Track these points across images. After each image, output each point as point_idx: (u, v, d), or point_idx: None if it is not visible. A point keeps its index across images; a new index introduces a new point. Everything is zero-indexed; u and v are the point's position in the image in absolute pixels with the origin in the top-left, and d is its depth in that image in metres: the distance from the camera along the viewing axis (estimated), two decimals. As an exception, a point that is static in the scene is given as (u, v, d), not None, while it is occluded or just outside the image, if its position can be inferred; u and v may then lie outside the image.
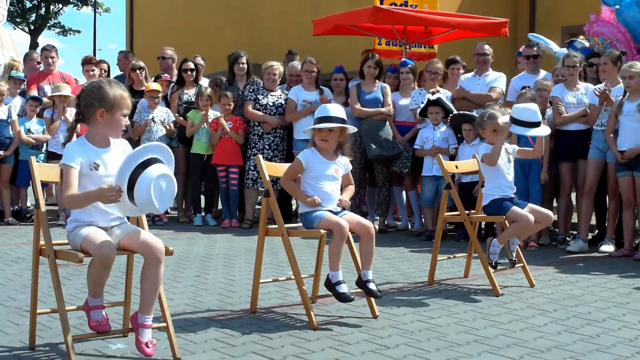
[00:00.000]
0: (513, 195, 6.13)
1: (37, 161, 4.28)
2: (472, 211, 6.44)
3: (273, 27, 21.78)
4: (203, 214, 10.24)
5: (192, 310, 5.24)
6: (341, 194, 5.17)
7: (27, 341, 4.33)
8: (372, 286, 4.98)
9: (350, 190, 5.26)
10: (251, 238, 8.71)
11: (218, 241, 8.61)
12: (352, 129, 5.21)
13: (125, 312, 4.49)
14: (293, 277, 5.08)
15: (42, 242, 4.14)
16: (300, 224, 5.32)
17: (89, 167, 3.96)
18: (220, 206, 10.42)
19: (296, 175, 5.19)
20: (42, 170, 4.29)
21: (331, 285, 4.93)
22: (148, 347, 4.00)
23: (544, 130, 6.12)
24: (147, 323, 4.03)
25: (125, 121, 4.12)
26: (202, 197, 10.45)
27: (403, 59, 10.38)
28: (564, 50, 9.70)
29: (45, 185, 10.30)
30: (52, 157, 9.71)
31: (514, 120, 6.00)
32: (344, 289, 4.90)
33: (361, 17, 11.09)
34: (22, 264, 6.97)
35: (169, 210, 10.95)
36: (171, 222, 10.06)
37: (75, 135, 4.45)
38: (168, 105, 10.45)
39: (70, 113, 9.93)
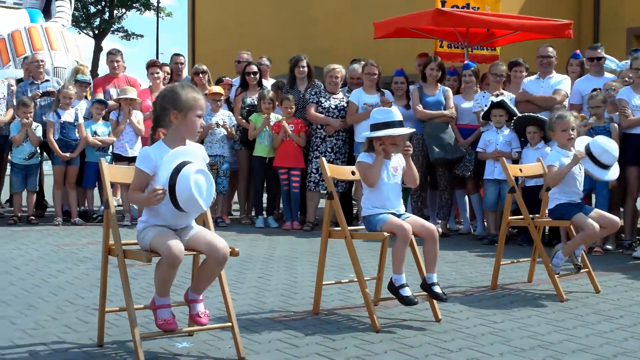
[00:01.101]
0: (579, 201, 6.05)
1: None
2: (537, 215, 6.37)
3: (332, 31, 21.84)
4: (265, 216, 10.31)
5: (255, 311, 5.29)
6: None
7: (95, 338, 4.43)
8: (437, 289, 4.97)
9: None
10: (313, 240, 8.75)
11: (280, 243, 8.67)
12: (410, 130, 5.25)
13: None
14: (355, 279, 5.09)
15: (111, 242, 4.23)
16: (362, 227, 5.33)
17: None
18: (282, 208, 10.48)
19: None
20: (111, 172, 4.38)
21: (394, 288, 4.93)
22: (200, 316, 4.20)
23: (614, 175, 6.11)
24: (198, 299, 4.22)
25: (201, 122, 4.20)
26: (264, 199, 10.52)
27: (466, 62, 10.32)
28: (625, 64, 9.50)
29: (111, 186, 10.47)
30: (117, 159, 9.88)
31: (590, 155, 5.98)
32: (407, 292, 4.90)
33: (423, 19, 11.06)
34: (89, 264, 7.12)
35: (231, 212, 11.06)
36: (233, 224, 10.15)
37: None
38: (230, 108, 10.55)
39: (136, 116, 10.09)
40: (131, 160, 9.28)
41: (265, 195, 10.55)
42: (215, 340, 4.50)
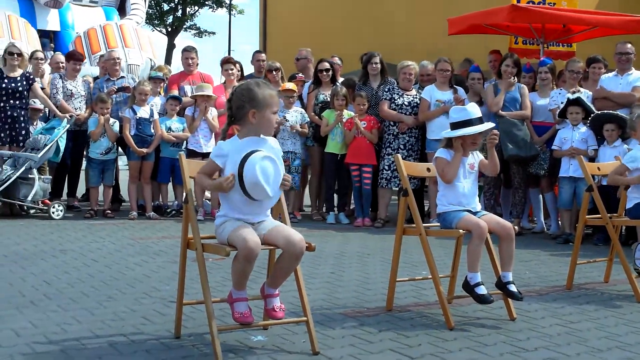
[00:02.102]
0: (661, 199, 5.93)
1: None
2: (614, 214, 6.25)
3: (405, 27, 21.76)
4: (336, 212, 10.33)
5: (328, 306, 5.31)
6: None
7: (172, 330, 4.51)
8: (512, 288, 4.92)
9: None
10: (384, 237, 8.74)
11: (351, 239, 8.68)
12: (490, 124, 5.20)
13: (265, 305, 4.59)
14: (429, 276, 5.08)
15: (189, 236, 4.30)
16: (434, 224, 5.31)
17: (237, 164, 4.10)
18: (353, 205, 10.50)
19: None
20: (190, 167, 4.45)
21: (470, 286, 4.90)
22: (276, 310, 4.24)
23: None
24: (274, 293, 4.26)
25: (276, 118, 4.24)
26: (336, 196, 10.55)
27: (542, 58, 10.19)
28: None
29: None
30: (192, 154, 10.01)
31: None
32: (483, 290, 4.86)
33: (498, 15, 10.94)
34: (164, 257, 7.24)
35: (303, 208, 11.13)
36: (304, 220, 10.20)
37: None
38: (303, 105, 10.61)
39: (211, 113, 10.22)
40: (205, 156, 9.40)
41: (336, 192, 10.57)
42: (289, 334, 4.53)
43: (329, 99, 10.35)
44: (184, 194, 4.31)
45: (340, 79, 10.96)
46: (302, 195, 11.12)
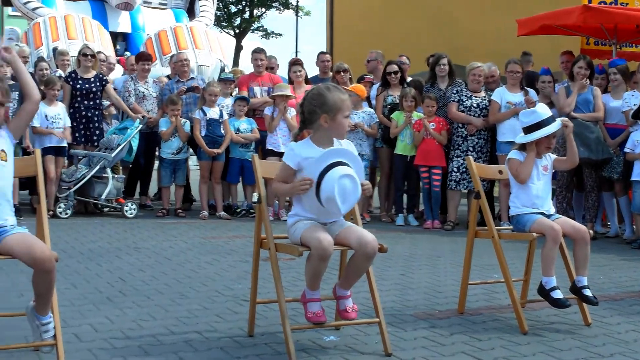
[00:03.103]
0: None
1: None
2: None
3: (472, 28, 21.57)
4: (405, 214, 10.31)
5: (399, 308, 5.31)
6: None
7: (245, 328, 4.58)
8: (588, 292, 4.85)
9: None
10: (454, 239, 8.70)
11: (421, 241, 8.66)
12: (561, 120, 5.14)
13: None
14: (501, 279, 5.04)
15: (262, 235, 4.34)
16: (505, 227, 5.26)
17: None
18: (422, 207, 10.47)
19: None
20: (262, 167, 4.50)
21: (545, 291, 4.83)
22: (348, 311, 4.25)
23: None
24: (346, 294, 4.27)
25: (349, 121, 4.26)
26: (405, 197, 10.52)
27: (613, 59, 9.99)
28: None
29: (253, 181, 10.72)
30: (270, 154, 10.04)
31: None
32: (559, 294, 4.80)
33: (569, 16, 10.76)
34: (235, 256, 7.33)
35: (371, 210, 11.13)
36: (373, 222, 10.21)
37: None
38: (371, 106, 10.61)
39: (290, 112, 10.30)
40: (282, 155, 9.44)
41: (405, 193, 10.54)
42: (361, 335, 4.55)
43: (397, 101, 10.34)
44: (254, 194, 4.38)
45: (408, 79, 10.94)
46: (371, 197, 11.10)
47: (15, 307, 4.96)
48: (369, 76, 11.23)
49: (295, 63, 11.15)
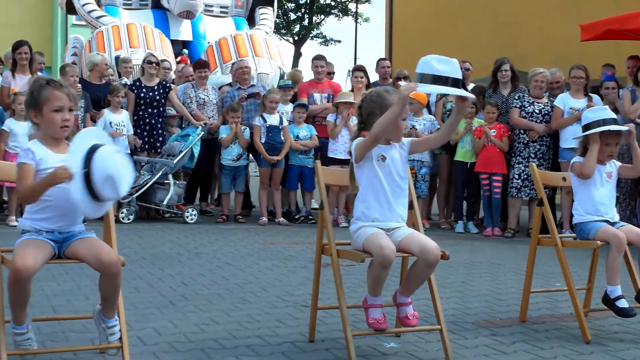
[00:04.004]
0: None
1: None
2: None
3: (535, 34, 21.33)
4: (465, 221, 10.25)
5: (460, 315, 5.28)
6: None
7: (306, 334, 4.59)
8: (653, 302, 4.77)
9: None
10: (514, 247, 8.63)
11: (481, 249, 8.59)
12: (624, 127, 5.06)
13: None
14: (564, 288, 4.98)
15: (324, 241, 4.37)
16: (568, 234, 5.19)
17: (376, 159, 4.19)
18: (482, 214, 10.39)
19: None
20: (324, 174, 4.52)
21: (610, 300, 4.76)
22: (409, 318, 4.23)
23: None
24: (407, 301, 4.26)
25: (405, 125, 4.27)
26: (464, 204, 10.46)
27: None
28: None
29: (311, 188, 10.77)
30: (330, 162, 10.05)
31: None
32: (624, 303, 4.71)
33: (635, 20, 10.59)
34: (295, 262, 7.37)
35: (430, 217, 11.08)
36: (432, 229, 10.15)
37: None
38: (431, 112, 10.57)
39: (353, 120, 10.32)
40: (345, 162, 9.50)
41: (465, 200, 10.48)
42: (422, 342, 4.54)
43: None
44: (312, 200, 4.40)
45: (471, 85, 10.87)
46: (430, 204, 11.07)
47: (80, 310, 5.07)
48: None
49: (358, 69, 11.16)
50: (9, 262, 3.65)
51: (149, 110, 10.60)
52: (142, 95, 10.57)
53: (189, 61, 15.73)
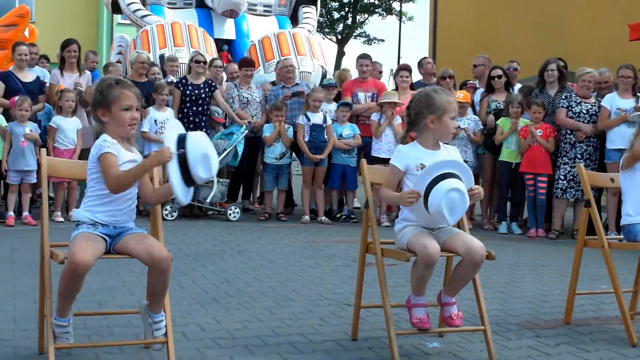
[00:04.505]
0: None
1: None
2: None
3: (582, 34, 21.09)
4: (508, 222, 10.16)
5: (503, 316, 5.24)
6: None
7: (349, 332, 4.59)
8: (702, 305, 4.69)
9: None
10: (558, 248, 8.54)
11: (525, 250, 8.52)
12: None
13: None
14: (609, 290, 4.91)
15: (369, 240, 4.36)
16: (615, 236, 5.13)
17: (415, 168, 4.17)
18: (526, 215, 10.29)
19: None
20: (370, 172, 4.52)
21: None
22: (453, 318, 4.22)
23: None
24: (451, 301, 4.25)
25: (454, 124, 4.25)
26: (508, 205, 10.37)
27: None
28: None
29: (354, 187, 10.78)
30: (374, 161, 10.01)
31: None
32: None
33: (684, 20, 10.43)
34: (337, 261, 7.37)
35: (473, 217, 11.01)
36: (475, 229, 10.04)
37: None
38: (475, 112, 10.51)
39: (397, 120, 10.30)
40: (387, 162, 9.44)
41: (509, 201, 10.39)
42: (465, 343, 4.52)
43: (501, 106, 10.21)
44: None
45: (518, 85, 10.78)
46: (473, 204, 10.98)
47: (125, 305, 5.14)
48: (471, 82, 11.13)
49: (404, 69, 11.13)
50: (57, 257, 3.71)
51: (194, 108, 10.67)
52: (187, 92, 10.64)
53: (229, 56, 15.87)
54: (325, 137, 10.42)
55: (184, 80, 10.82)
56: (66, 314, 3.79)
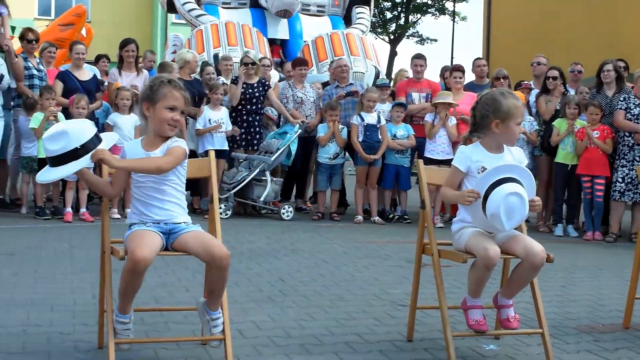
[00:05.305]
0: None
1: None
2: None
3: (638, 32, 20.73)
4: (564, 224, 10.03)
5: (560, 319, 5.18)
6: None
7: (404, 333, 4.58)
8: None
9: None
10: (616, 252, 8.42)
11: (582, 253, 8.41)
12: None
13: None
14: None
15: (425, 240, 4.34)
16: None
17: (476, 171, 4.14)
18: (582, 218, 10.16)
19: None
20: (427, 173, 4.49)
21: None
22: (511, 320, 4.18)
23: None
24: (508, 304, 4.21)
25: (520, 129, 4.20)
26: (564, 207, 10.24)
27: None
28: None
29: (407, 187, 10.74)
30: (430, 162, 9.95)
31: None
32: None
33: None
34: (390, 261, 7.36)
35: (529, 219, 10.88)
36: (530, 232, 9.88)
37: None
38: (531, 113, 10.40)
39: (451, 121, 10.24)
40: (441, 163, 9.43)
41: (565, 203, 10.26)
42: (522, 346, 4.48)
43: (557, 107, 10.09)
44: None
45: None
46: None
47: (181, 302, 5.19)
48: (526, 82, 11.02)
49: (457, 69, 11.06)
50: (118, 253, 3.76)
51: (248, 107, 10.74)
52: (241, 91, 10.71)
53: (280, 52, 15.94)
54: (379, 137, 10.40)
55: (238, 79, 10.89)
56: (127, 311, 3.84)
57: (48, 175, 3.80)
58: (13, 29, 12.88)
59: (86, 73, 10.54)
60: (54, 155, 3.72)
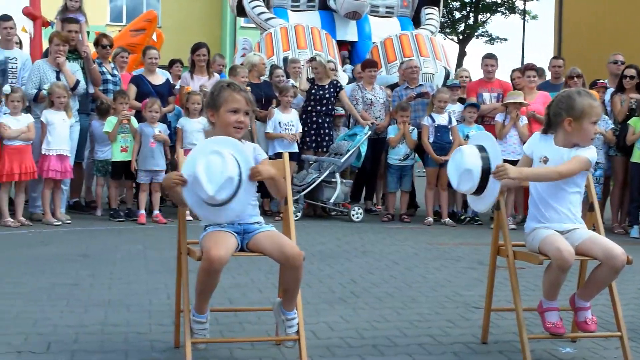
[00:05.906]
0: None
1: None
2: None
3: None
4: (641, 225, 9.83)
5: (638, 322, 5.07)
6: None
7: (478, 335, 4.54)
8: None
9: None
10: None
11: (659, 255, 8.20)
12: None
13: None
14: None
15: (500, 242, 4.30)
16: None
17: (538, 159, 4.19)
18: (660, 218, 9.94)
19: None
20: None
21: None
22: (588, 323, 4.13)
23: None
24: (585, 306, 4.15)
25: (596, 129, 4.13)
26: (640, 208, 10.04)
27: None
28: None
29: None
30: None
31: None
32: None
33: None
34: (463, 263, 7.31)
35: (603, 220, 10.67)
36: (605, 233, 9.75)
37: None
38: (606, 112, 10.20)
39: (522, 121, 10.11)
40: (511, 164, 9.28)
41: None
42: (599, 349, 4.40)
43: (633, 106, 9.88)
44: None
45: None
46: (603, 207, 10.66)
47: (254, 302, 5.24)
48: (602, 81, 10.81)
49: (530, 68, 10.91)
50: (195, 254, 3.81)
51: (318, 108, 10.79)
52: (312, 92, 10.77)
53: (348, 50, 16.00)
54: (450, 138, 10.33)
55: (314, 81, 10.95)
56: (204, 311, 3.89)
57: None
58: (87, 34, 13.16)
59: (159, 77, 10.71)
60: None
